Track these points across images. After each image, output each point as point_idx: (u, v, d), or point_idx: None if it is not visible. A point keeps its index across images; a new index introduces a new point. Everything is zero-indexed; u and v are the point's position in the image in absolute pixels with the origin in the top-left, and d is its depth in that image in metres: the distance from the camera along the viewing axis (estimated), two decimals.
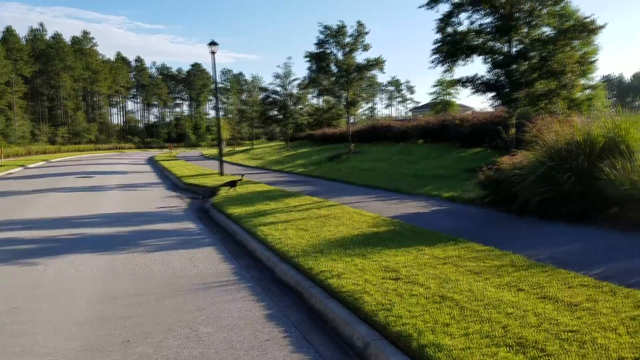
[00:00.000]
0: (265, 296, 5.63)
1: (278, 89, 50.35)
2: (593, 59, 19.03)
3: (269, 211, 10.91)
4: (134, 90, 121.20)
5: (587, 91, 22.52)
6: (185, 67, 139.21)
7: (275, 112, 52.31)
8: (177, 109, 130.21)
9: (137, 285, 6.20)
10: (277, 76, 49.80)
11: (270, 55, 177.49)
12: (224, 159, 26.99)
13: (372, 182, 17.34)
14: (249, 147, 59.30)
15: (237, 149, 62.88)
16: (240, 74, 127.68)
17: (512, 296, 4.66)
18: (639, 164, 7.95)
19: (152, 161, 43.51)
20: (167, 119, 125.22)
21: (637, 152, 8.32)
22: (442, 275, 5.44)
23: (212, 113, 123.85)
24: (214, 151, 55.39)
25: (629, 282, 4.97)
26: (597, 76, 27.98)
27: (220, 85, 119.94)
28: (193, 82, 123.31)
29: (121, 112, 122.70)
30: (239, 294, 5.72)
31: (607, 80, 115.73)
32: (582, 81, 19.31)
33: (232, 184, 16.25)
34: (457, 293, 4.81)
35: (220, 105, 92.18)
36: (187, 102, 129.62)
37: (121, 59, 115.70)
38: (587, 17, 16.87)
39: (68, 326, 4.83)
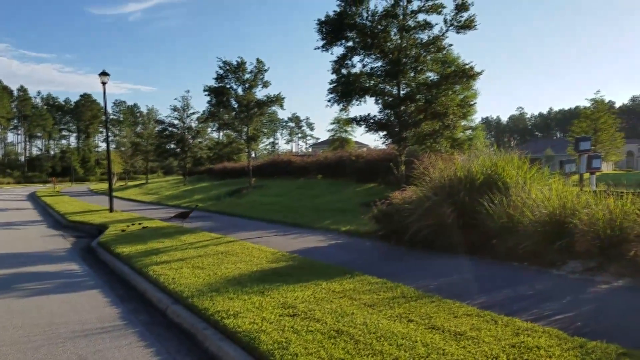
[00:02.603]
0: (155, 341, 5.31)
1: (176, 121, 49.17)
2: (472, 102, 20.97)
3: (162, 249, 10.42)
4: (16, 121, 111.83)
5: (468, 132, 24.73)
6: (75, 98, 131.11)
7: (173, 146, 50.82)
8: (64, 141, 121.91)
9: (10, 333, 5.57)
10: (174, 109, 48.69)
11: (168, 88, 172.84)
12: (116, 194, 25.58)
13: (272, 216, 17.31)
14: (143, 182, 56.74)
15: (130, 183, 59.86)
16: (135, 105, 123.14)
17: (402, 327, 4.83)
18: (514, 198, 8.73)
19: (33, 197, 40.03)
20: (52, 152, 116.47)
21: (512, 187, 9.14)
22: (338, 309, 5.50)
23: (103, 145, 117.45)
24: (103, 186, 52.36)
25: (509, 311, 5.36)
26: (476, 118, 30.93)
27: (112, 116, 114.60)
28: (82, 113, 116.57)
29: (0, 145, 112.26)
30: (126, 340, 5.34)
31: (486, 122, 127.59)
32: (463, 122, 21.16)
33: (184, 215, 15.48)
34: (352, 327, 4.89)
35: (111, 138, 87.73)
36: (74, 134, 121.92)
37: (2, 88, 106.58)
38: (467, 64, 18.60)
39: None
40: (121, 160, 63.86)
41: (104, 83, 21.52)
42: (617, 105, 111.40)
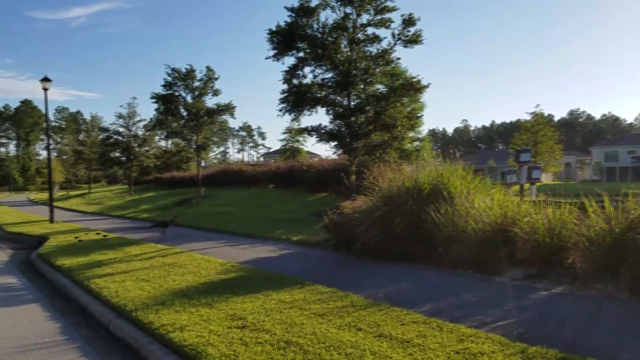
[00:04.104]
0: (96, 357, 5.10)
1: (121, 129, 47.69)
2: (420, 115, 21.62)
3: (105, 261, 10.06)
4: None
5: (416, 143, 25.37)
6: (15, 104, 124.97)
7: (118, 154, 49.21)
8: (2, 149, 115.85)
9: None
10: (120, 116, 47.27)
11: (114, 94, 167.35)
12: (57, 204, 24.54)
13: (222, 227, 17.06)
14: (86, 191, 54.65)
15: (72, 193, 57.49)
16: (79, 112, 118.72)
17: (351, 336, 4.86)
18: (459, 208, 8.99)
19: None
20: None
21: (457, 197, 9.40)
22: (288, 320, 5.48)
23: (44, 153, 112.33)
24: (44, 195, 50.03)
25: (454, 317, 5.50)
26: (424, 130, 31.84)
27: (54, 123, 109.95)
28: (22, 119, 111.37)
29: None
30: (66, 355, 5.11)
31: (433, 134, 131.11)
32: (411, 134, 21.74)
33: (164, 224, 15.36)
34: (302, 337, 4.88)
35: (53, 146, 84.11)
36: (14, 142, 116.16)
37: None
38: (414, 77, 19.12)
39: None
40: (63, 169, 61.33)
41: (45, 89, 20.70)
42: (556, 118, 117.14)
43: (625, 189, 7.57)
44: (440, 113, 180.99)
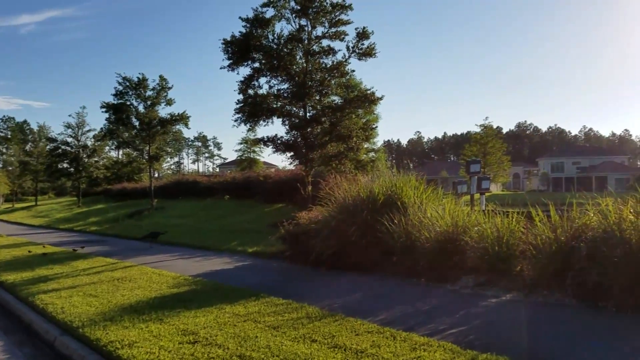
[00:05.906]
0: None
1: (69, 139, 46.03)
2: (374, 126, 21.96)
3: (51, 276, 9.63)
4: None
5: (371, 154, 25.81)
6: None
7: (66, 165, 47.45)
8: None
9: None
10: (68, 126, 45.63)
11: (64, 104, 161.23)
12: (1, 217, 23.40)
13: (175, 239, 16.67)
14: (32, 204, 52.36)
15: (17, 205, 55.00)
16: (25, 122, 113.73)
17: (306, 348, 4.83)
18: (412, 217, 9.13)
19: None
20: None
21: (410, 207, 9.56)
22: (241, 334, 5.39)
23: None
24: None
25: (407, 326, 5.56)
26: (378, 141, 32.40)
27: None
28: None
29: None
30: None
31: (388, 145, 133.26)
32: (366, 145, 22.06)
33: (154, 235, 15.17)
34: (256, 350, 4.81)
35: None
36: None
37: None
38: (369, 89, 19.45)
39: None
40: (8, 180, 58.76)
41: None
42: (504, 130, 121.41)
43: (571, 199, 7.89)
44: (394, 125, 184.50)
